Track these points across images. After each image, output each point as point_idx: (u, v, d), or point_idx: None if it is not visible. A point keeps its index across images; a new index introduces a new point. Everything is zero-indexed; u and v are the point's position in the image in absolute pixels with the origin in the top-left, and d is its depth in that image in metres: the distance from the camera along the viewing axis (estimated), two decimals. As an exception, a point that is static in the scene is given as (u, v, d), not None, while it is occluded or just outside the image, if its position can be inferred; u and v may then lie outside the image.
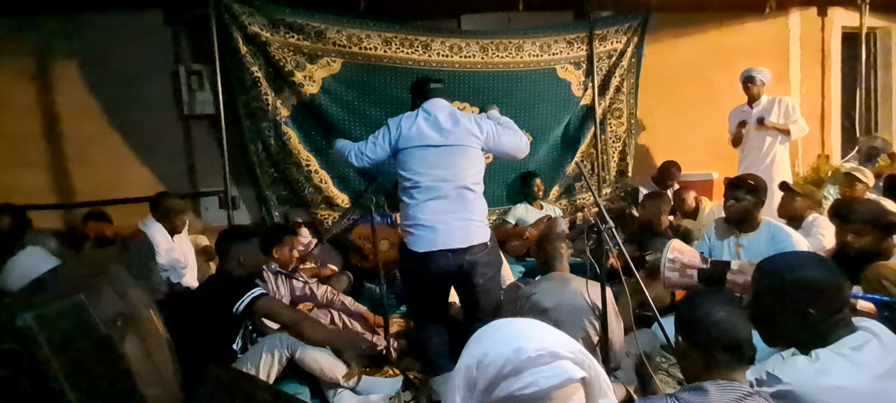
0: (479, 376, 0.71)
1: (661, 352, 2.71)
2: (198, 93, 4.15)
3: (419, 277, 2.58)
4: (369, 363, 2.85)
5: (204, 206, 4.41)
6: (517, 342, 0.72)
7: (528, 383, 0.68)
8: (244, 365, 2.37)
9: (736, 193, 2.67)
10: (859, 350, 1.38)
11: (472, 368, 0.72)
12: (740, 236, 2.70)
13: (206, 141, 4.32)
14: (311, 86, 3.96)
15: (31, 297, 1.53)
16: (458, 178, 2.52)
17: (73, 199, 4.14)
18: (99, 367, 1.44)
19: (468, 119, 2.61)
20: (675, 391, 1.38)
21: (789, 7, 5.39)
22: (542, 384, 0.67)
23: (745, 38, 5.27)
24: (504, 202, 4.66)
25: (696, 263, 2.32)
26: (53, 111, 4.07)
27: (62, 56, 4.04)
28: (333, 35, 3.91)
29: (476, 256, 2.51)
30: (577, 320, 2.27)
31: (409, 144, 2.54)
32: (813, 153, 5.71)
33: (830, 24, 5.70)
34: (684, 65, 5.09)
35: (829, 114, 5.83)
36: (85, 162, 4.13)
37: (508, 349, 0.71)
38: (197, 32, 4.05)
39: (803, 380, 1.36)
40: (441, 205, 2.49)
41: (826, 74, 5.74)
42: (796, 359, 1.42)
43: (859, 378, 1.34)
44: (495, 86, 4.39)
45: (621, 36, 4.77)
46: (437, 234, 2.47)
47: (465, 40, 4.26)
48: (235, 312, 2.39)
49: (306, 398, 2.50)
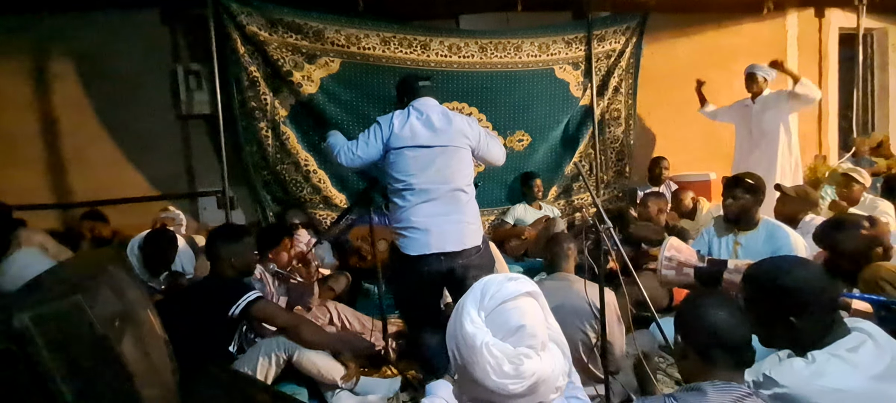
0: (484, 291, 1.15)
1: (660, 353, 2.72)
2: (195, 92, 4.13)
3: (411, 280, 2.54)
4: (368, 363, 2.84)
5: (202, 206, 4.40)
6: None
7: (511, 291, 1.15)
8: (240, 368, 2.36)
9: (734, 192, 2.68)
10: (855, 352, 1.38)
11: (477, 288, 1.18)
12: (738, 234, 2.70)
13: (203, 141, 4.31)
14: (309, 86, 3.95)
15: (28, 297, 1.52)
16: (451, 180, 2.49)
17: (70, 199, 4.12)
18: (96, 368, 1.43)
19: (461, 120, 2.58)
20: (673, 391, 1.38)
21: (787, 8, 5.40)
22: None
23: (742, 39, 5.28)
24: (503, 202, 4.66)
25: (692, 262, 2.33)
26: (50, 110, 4.05)
27: (59, 55, 4.02)
28: (332, 35, 3.90)
29: (469, 259, 2.48)
30: (578, 322, 2.27)
31: (401, 144, 2.49)
32: (810, 154, 5.72)
33: (828, 25, 5.71)
34: (682, 65, 5.09)
35: (827, 115, 5.84)
36: (82, 161, 4.11)
37: (502, 277, 1.19)
38: (195, 32, 4.04)
39: (800, 382, 1.36)
40: (434, 208, 2.46)
41: (823, 75, 5.76)
42: (793, 361, 1.42)
43: (856, 379, 1.35)
44: (494, 87, 4.39)
45: (620, 36, 4.77)
46: (430, 237, 2.43)
47: (463, 40, 4.26)
48: (231, 316, 2.38)
49: (304, 399, 2.49)
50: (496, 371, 1.08)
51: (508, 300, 1.13)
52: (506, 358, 1.08)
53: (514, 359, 1.08)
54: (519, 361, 1.08)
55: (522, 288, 1.16)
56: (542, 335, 1.14)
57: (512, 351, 1.09)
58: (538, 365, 1.10)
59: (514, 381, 1.08)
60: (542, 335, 1.14)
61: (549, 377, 1.13)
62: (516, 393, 1.09)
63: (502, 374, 1.08)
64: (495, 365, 1.08)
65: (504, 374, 1.08)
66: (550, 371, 1.13)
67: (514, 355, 1.09)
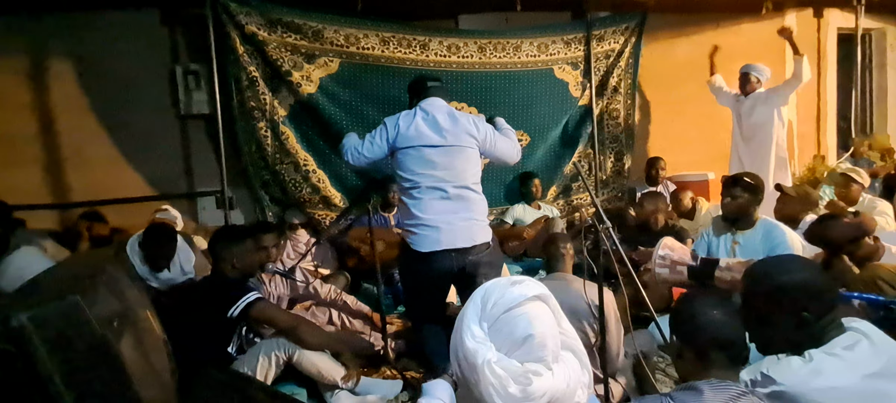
0: (486, 300, 1.04)
1: (658, 352, 2.72)
2: (194, 92, 4.13)
3: (421, 277, 2.57)
4: (367, 364, 2.84)
5: (201, 206, 4.40)
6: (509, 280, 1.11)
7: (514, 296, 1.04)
8: (240, 369, 2.36)
9: (733, 191, 2.69)
10: (851, 350, 1.39)
11: (477, 296, 1.07)
12: (736, 233, 2.71)
13: (202, 141, 4.30)
14: (308, 86, 3.95)
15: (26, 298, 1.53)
16: (459, 178, 2.53)
17: (69, 199, 4.12)
18: (95, 368, 1.43)
19: (466, 119, 2.61)
20: (670, 390, 1.38)
21: (785, 8, 5.40)
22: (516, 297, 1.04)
23: (741, 39, 5.29)
24: (502, 202, 4.66)
25: (686, 260, 2.34)
26: (49, 110, 4.04)
27: (58, 55, 4.01)
28: (331, 35, 3.90)
29: (479, 256, 2.51)
30: (577, 322, 2.26)
31: (407, 144, 2.53)
32: (809, 154, 5.73)
33: (826, 26, 5.72)
34: (681, 65, 5.10)
35: (825, 115, 5.86)
36: (81, 161, 4.10)
37: (505, 281, 1.09)
38: (194, 32, 4.03)
39: (797, 381, 1.36)
40: (444, 205, 2.49)
41: (822, 75, 5.76)
42: (790, 360, 1.42)
43: (852, 377, 1.35)
44: (493, 87, 4.39)
45: (619, 36, 4.77)
46: (440, 234, 2.46)
47: (462, 40, 4.26)
48: (231, 317, 2.38)
49: (304, 399, 2.49)
50: (501, 393, 0.95)
51: (513, 307, 1.00)
52: (511, 378, 0.95)
53: (521, 379, 0.95)
54: (527, 381, 0.95)
55: (528, 292, 1.03)
56: (554, 345, 1.01)
57: (518, 369, 0.96)
58: (549, 383, 0.96)
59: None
60: (554, 345, 1.01)
61: (564, 394, 0.99)
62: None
63: (508, 397, 0.95)
64: (499, 387, 0.95)
65: (510, 397, 0.94)
66: (565, 387, 0.98)
67: (520, 373, 0.95)
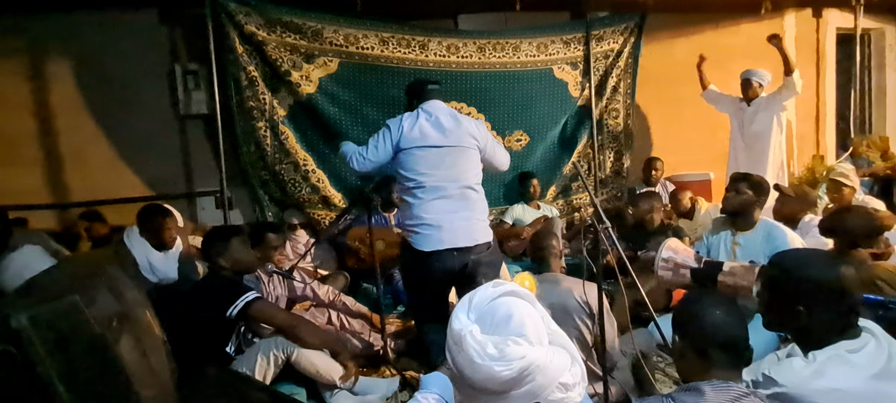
0: (472, 297, 1.14)
1: (658, 352, 2.72)
2: (194, 92, 4.13)
3: (423, 276, 2.58)
4: (366, 363, 2.84)
5: (200, 206, 4.39)
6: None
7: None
8: (239, 369, 2.35)
9: (738, 185, 2.69)
10: (856, 352, 1.38)
11: (465, 298, 1.16)
12: (737, 234, 2.71)
13: (201, 141, 4.30)
14: (307, 86, 3.94)
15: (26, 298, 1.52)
16: (461, 178, 2.56)
17: (68, 199, 4.11)
18: (94, 368, 1.43)
19: (469, 121, 2.66)
20: (671, 391, 1.38)
21: (784, 8, 5.41)
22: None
23: (740, 39, 5.29)
24: (501, 202, 4.66)
25: (689, 262, 2.33)
26: (48, 110, 4.04)
27: (57, 55, 4.01)
28: (330, 35, 3.90)
29: (480, 255, 2.54)
30: (570, 320, 2.27)
31: (411, 145, 2.55)
32: (808, 153, 5.73)
33: (825, 26, 5.72)
34: (681, 65, 5.10)
35: (824, 115, 5.86)
36: (80, 161, 4.10)
37: (490, 284, 1.18)
38: (193, 32, 4.03)
39: (799, 382, 1.36)
40: (445, 205, 2.52)
41: (821, 75, 5.77)
42: (792, 361, 1.42)
43: (855, 379, 1.35)
44: (492, 87, 4.39)
45: (618, 36, 4.77)
46: (442, 233, 2.48)
47: (462, 40, 4.26)
48: (229, 316, 2.38)
49: (303, 399, 2.49)
50: (479, 353, 1.04)
51: (496, 298, 1.12)
52: (490, 342, 1.05)
53: (500, 344, 1.05)
54: (504, 345, 1.05)
55: (509, 289, 1.14)
56: (535, 331, 1.09)
57: (498, 338, 1.06)
58: (528, 351, 1.05)
59: (500, 363, 1.03)
60: (535, 331, 1.09)
61: (546, 367, 1.07)
62: (506, 378, 1.03)
63: (486, 356, 1.03)
64: (479, 349, 1.04)
65: (488, 356, 1.03)
66: (546, 362, 1.07)
67: (499, 340, 1.05)
